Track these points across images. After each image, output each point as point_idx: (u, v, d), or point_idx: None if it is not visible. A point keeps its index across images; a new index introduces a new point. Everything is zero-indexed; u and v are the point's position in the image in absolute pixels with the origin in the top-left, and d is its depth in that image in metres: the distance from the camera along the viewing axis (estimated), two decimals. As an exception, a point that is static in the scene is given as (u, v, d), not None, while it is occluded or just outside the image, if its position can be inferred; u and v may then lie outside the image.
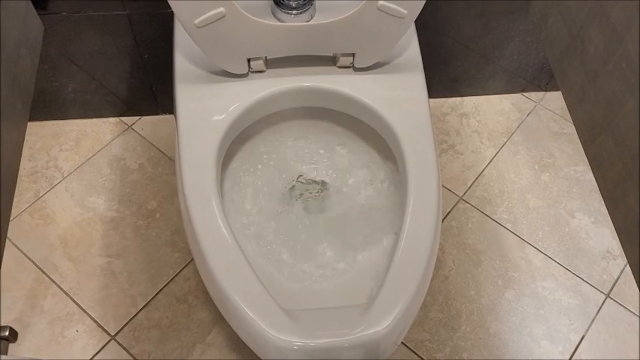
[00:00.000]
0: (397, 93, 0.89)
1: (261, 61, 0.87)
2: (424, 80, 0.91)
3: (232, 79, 0.88)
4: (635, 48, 0.78)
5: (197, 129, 0.84)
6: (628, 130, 0.83)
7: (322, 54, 0.89)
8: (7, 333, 0.59)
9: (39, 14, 0.92)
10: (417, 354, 1.06)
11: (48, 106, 1.25)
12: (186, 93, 0.87)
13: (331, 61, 0.91)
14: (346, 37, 0.84)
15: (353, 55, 0.87)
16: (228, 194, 0.95)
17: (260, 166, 1.00)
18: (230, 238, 0.75)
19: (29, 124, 1.22)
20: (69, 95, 1.24)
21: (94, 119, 1.30)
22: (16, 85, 0.94)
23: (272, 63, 0.89)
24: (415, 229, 0.76)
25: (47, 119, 1.29)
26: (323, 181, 1.01)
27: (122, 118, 1.31)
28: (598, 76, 0.94)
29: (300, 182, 1.01)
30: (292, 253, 0.91)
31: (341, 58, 0.88)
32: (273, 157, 1.01)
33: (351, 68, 0.90)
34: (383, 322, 0.70)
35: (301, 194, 1.00)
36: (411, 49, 0.94)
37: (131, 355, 1.03)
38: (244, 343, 1.00)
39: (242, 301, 0.72)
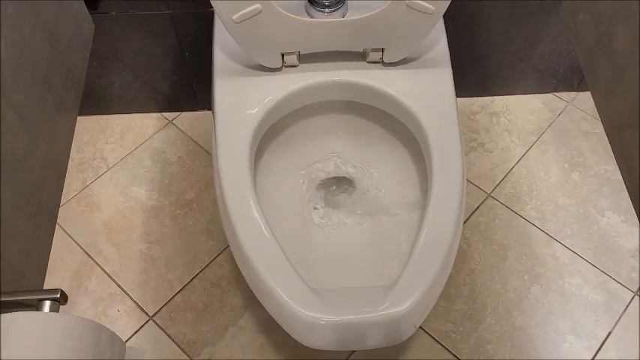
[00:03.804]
0: (425, 87, 0.93)
1: (295, 56, 0.92)
2: (451, 75, 0.94)
3: (267, 73, 0.93)
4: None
5: (233, 119, 0.89)
6: None
7: (353, 49, 0.93)
8: (58, 295, 0.65)
9: (90, 13, 0.99)
10: (441, 344, 1.08)
11: (95, 101, 1.33)
12: (224, 86, 0.93)
13: (361, 56, 0.94)
14: (376, 33, 0.88)
15: (382, 50, 0.91)
16: (260, 185, 1.00)
17: (291, 160, 1.04)
18: (263, 224, 0.79)
19: (78, 118, 1.30)
20: (115, 91, 1.31)
21: (138, 114, 1.37)
22: (69, 78, 1.01)
23: (305, 58, 0.94)
24: (439, 214, 0.79)
25: (94, 114, 1.37)
26: (350, 176, 1.05)
27: (163, 113, 1.38)
28: (625, 72, 0.96)
29: (328, 177, 1.05)
30: (319, 239, 0.96)
31: (371, 53, 0.92)
32: (304, 151, 1.05)
33: (381, 63, 0.94)
34: (404, 303, 0.73)
35: (328, 189, 1.04)
36: (440, 46, 0.97)
37: (168, 335, 1.08)
38: (274, 327, 1.05)
39: (274, 282, 0.76)
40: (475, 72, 1.35)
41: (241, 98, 0.91)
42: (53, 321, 0.61)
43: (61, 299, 0.65)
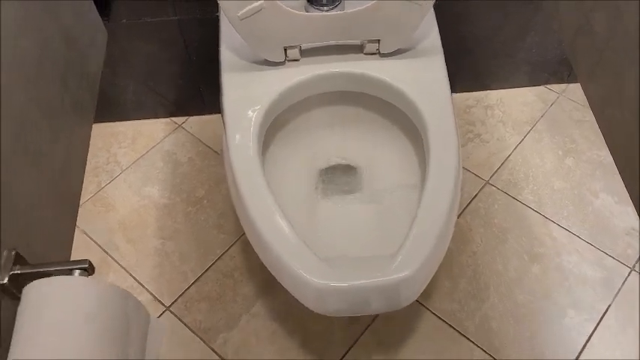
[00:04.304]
0: (420, 74, 0.99)
1: (297, 50, 0.98)
2: (444, 62, 1.00)
3: (270, 67, 0.99)
4: (634, 24, 0.86)
5: (241, 110, 0.95)
6: (630, 99, 0.89)
7: (351, 41, 0.99)
8: (86, 265, 0.70)
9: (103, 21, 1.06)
10: (447, 323, 1.12)
11: (107, 108, 1.40)
12: (231, 80, 0.99)
13: (359, 49, 1.01)
14: (371, 25, 0.94)
15: (378, 41, 0.98)
16: (268, 173, 1.06)
17: (295, 150, 1.10)
18: (273, 205, 0.85)
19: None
20: (126, 98, 1.38)
21: (148, 120, 1.44)
22: (85, 80, 1.08)
23: (306, 52, 1.00)
24: (437, 185, 0.84)
25: (106, 121, 1.43)
26: (353, 163, 1.11)
27: (173, 118, 1.44)
28: (603, 53, 1.02)
29: (331, 165, 1.10)
30: (325, 221, 1.01)
31: (367, 45, 0.99)
32: (308, 142, 1.11)
33: (377, 54, 1.00)
34: (408, 268, 0.78)
35: (331, 175, 1.09)
36: (432, 36, 1.03)
37: (184, 323, 1.13)
38: (285, 315, 1.10)
39: (286, 256, 0.80)
40: (468, 68, 1.42)
41: (247, 91, 0.97)
42: (86, 284, 0.66)
43: (89, 269, 0.70)
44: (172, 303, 1.16)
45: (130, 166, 1.36)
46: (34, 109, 0.88)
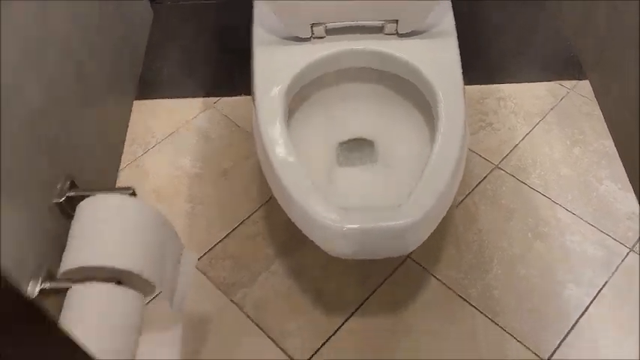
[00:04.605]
0: (435, 54, 1.08)
1: (322, 28, 1.09)
2: (457, 44, 1.10)
3: (298, 43, 1.10)
4: (633, 15, 0.94)
5: (269, 79, 1.06)
6: (631, 91, 0.98)
7: (372, 21, 1.09)
8: (131, 191, 0.80)
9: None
10: (452, 289, 1.20)
11: (146, 85, 1.52)
12: (262, 53, 1.10)
13: (379, 30, 1.11)
14: (391, 4, 1.05)
15: (397, 22, 1.08)
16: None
17: (317, 123, 1.20)
18: (295, 159, 0.95)
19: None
20: (163, 77, 1.50)
21: (183, 99, 1.55)
22: (128, 60, 1.20)
23: (331, 32, 1.11)
24: (446, 143, 0.93)
25: (144, 98, 1.55)
26: (369, 137, 1.20)
27: (206, 98, 1.56)
28: (605, 41, 1.10)
29: (349, 137, 1.20)
30: (341, 185, 1.10)
31: (387, 26, 1.09)
32: (329, 115, 1.21)
33: (396, 34, 1.10)
34: (416, 214, 0.87)
35: (349, 148, 1.19)
36: (447, 20, 1.13)
37: (208, 277, 1.23)
38: (300, 273, 1.19)
39: (306, 203, 0.90)
40: (484, 62, 1.51)
41: (276, 63, 1.08)
42: (132, 202, 0.77)
43: (133, 195, 0.81)
44: (198, 259, 1.26)
45: (164, 138, 1.48)
46: (96, 72, 1.00)
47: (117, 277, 0.73)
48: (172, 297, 0.82)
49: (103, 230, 0.71)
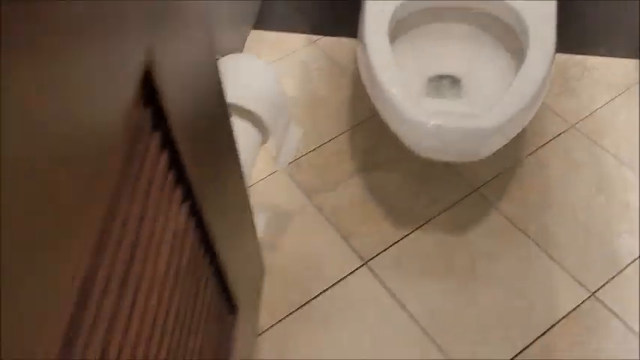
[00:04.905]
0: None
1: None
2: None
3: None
4: None
5: (376, 8, 1.21)
6: None
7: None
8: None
9: None
10: (512, 222, 1.30)
11: (261, 18, 1.71)
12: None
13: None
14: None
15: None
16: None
17: (412, 55, 1.33)
18: (394, 66, 1.09)
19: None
20: (277, 12, 1.68)
21: (289, 33, 1.73)
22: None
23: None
24: (532, 66, 1.05)
25: (258, 29, 1.74)
26: (457, 75, 1.32)
27: (310, 35, 1.72)
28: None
29: (439, 74, 1.32)
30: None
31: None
32: (423, 48, 1.34)
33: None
34: (492, 121, 0.99)
35: (437, 83, 1.31)
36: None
37: (293, 180, 1.40)
38: (374, 188, 1.33)
39: (399, 101, 1.05)
40: (574, 31, 1.58)
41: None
42: (264, 62, 0.94)
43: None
44: (289, 164, 1.43)
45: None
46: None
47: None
48: (280, 152, 1.00)
49: (243, 65, 0.89)
